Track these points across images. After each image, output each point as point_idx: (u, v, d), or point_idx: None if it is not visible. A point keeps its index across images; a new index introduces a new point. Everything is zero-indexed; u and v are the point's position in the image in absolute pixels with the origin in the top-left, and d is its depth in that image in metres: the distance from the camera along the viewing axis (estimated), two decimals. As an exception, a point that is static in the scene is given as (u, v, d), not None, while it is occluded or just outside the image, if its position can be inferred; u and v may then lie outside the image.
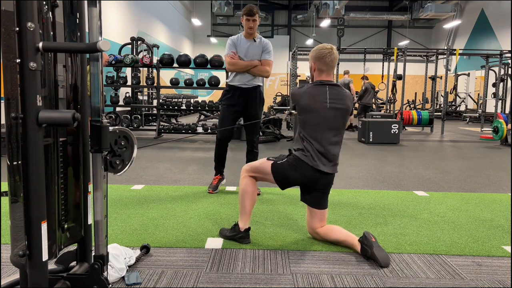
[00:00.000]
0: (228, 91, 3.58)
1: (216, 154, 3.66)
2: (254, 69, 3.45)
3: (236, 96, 3.52)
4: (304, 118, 2.36)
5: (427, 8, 16.28)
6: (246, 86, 3.50)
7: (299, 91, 2.41)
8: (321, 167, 2.30)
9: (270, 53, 3.51)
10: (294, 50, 10.01)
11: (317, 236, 2.44)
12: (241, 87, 3.50)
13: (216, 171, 3.69)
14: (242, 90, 3.51)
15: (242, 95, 3.51)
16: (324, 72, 2.40)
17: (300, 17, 21.14)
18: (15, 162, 1.30)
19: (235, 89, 3.52)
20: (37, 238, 1.30)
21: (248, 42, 3.48)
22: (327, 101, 2.33)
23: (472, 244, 2.46)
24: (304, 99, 2.35)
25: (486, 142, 8.21)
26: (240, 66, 3.43)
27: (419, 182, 4.25)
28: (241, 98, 3.52)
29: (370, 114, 9.48)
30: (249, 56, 3.48)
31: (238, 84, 3.50)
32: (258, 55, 3.48)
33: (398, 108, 10.46)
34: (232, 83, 3.53)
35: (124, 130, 1.54)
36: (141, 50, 10.34)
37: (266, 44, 3.51)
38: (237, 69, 3.44)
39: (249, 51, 3.47)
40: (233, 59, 3.44)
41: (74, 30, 1.50)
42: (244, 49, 3.47)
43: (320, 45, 2.44)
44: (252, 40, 3.49)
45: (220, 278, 1.98)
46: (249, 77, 3.49)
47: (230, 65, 3.45)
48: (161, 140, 7.20)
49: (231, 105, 3.54)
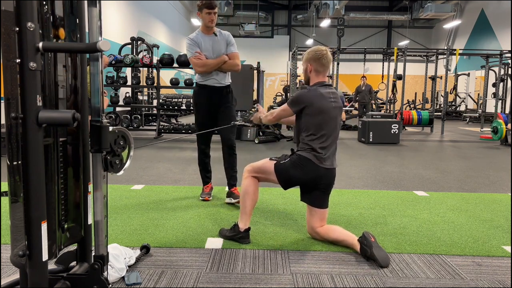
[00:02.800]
0: (200, 92, 3.32)
1: (200, 163, 3.43)
2: (224, 65, 3.22)
3: (210, 97, 3.27)
4: (318, 119, 2.36)
5: (427, 8, 16.28)
6: (220, 85, 3.27)
7: (310, 94, 2.39)
8: (329, 165, 2.38)
9: (234, 45, 3.30)
10: (294, 50, 10.00)
11: (317, 236, 2.44)
12: (215, 86, 3.26)
13: (204, 181, 3.45)
14: (216, 89, 3.27)
15: (217, 95, 3.28)
16: (321, 73, 2.44)
17: (300, 17, 21.16)
18: (15, 162, 1.30)
19: (209, 89, 3.26)
20: (37, 238, 1.30)
21: (210, 38, 3.24)
22: (332, 100, 2.40)
23: (472, 244, 2.46)
24: (317, 101, 2.36)
25: (486, 142, 8.21)
26: (211, 66, 3.19)
27: (419, 182, 4.25)
28: (215, 98, 3.27)
29: (370, 114, 9.48)
30: (215, 53, 3.23)
31: (212, 84, 3.25)
32: (224, 50, 3.25)
33: (398, 108, 10.46)
34: (205, 83, 3.26)
35: (122, 130, 1.54)
36: (141, 50, 10.34)
37: (228, 36, 3.30)
38: (209, 69, 3.20)
39: (214, 47, 3.23)
40: (200, 60, 3.19)
41: (74, 30, 1.50)
42: (208, 47, 3.22)
43: (314, 47, 2.48)
44: (213, 35, 3.25)
45: (220, 278, 1.98)
46: (222, 74, 3.27)
47: (200, 66, 3.19)
48: (161, 140, 7.20)
49: (207, 108, 3.29)
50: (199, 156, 3.43)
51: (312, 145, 2.34)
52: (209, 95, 3.28)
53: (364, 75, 11.68)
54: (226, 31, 3.36)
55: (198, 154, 3.42)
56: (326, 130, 2.36)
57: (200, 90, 3.33)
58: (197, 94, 3.37)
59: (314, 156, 2.33)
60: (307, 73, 2.48)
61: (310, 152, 2.34)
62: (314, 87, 2.42)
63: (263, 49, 21.11)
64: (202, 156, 3.42)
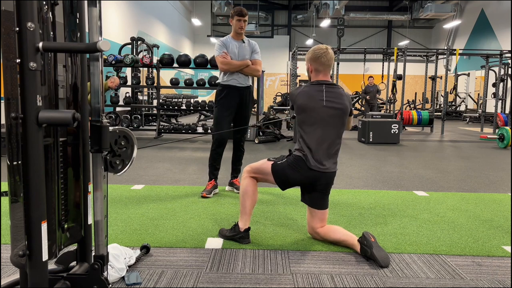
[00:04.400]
0: (222, 91, 3.55)
1: (213, 157, 3.59)
2: (247, 69, 3.50)
3: (231, 96, 3.52)
4: (302, 117, 2.37)
5: (427, 8, 16.28)
6: (241, 85, 3.53)
7: (296, 91, 2.43)
8: (318, 167, 2.31)
9: (259, 54, 3.61)
10: (294, 50, 10.01)
11: (317, 236, 2.44)
12: (237, 87, 3.52)
13: (211, 176, 3.60)
14: (238, 89, 3.53)
15: (238, 94, 3.53)
16: (321, 72, 2.41)
17: (300, 17, 21.16)
18: (15, 162, 1.30)
19: (231, 88, 3.51)
20: (37, 238, 1.30)
21: (238, 44, 3.53)
22: (323, 99, 2.34)
23: (472, 244, 2.46)
24: (301, 99, 2.36)
25: (486, 142, 8.21)
26: (233, 66, 3.46)
27: (419, 182, 4.25)
28: (236, 98, 3.53)
29: (370, 114, 9.49)
30: (240, 57, 3.52)
31: (234, 84, 3.51)
32: (248, 56, 3.55)
33: (398, 108, 10.46)
34: (227, 83, 3.52)
35: (124, 130, 1.54)
36: (141, 50, 10.34)
37: (255, 45, 3.61)
38: (231, 69, 3.46)
39: (239, 52, 3.52)
40: (225, 59, 3.46)
41: (74, 30, 1.50)
42: (235, 50, 3.51)
43: (315, 46, 2.45)
44: (241, 41, 3.55)
45: (220, 278, 1.98)
46: (243, 76, 3.53)
47: (224, 64, 3.46)
48: (161, 141, 7.20)
49: (227, 105, 3.53)
50: (213, 152, 3.58)
51: (301, 144, 2.35)
52: (232, 94, 3.53)
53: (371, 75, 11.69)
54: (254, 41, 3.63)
55: (212, 150, 3.57)
56: (312, 130, 2.32)
57: (223, 89, 3.55)
58: (219, 92, 3.58)
59: (303, 155, 2.32)
60: (308, 73, 2.48)
61: (300, 151, 2.35)
62: (305, 85, 2.43)
63: (263, 49, 20.76)
64: (215, 153, 3.57)
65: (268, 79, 21.08)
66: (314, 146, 2.31)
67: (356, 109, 12.60)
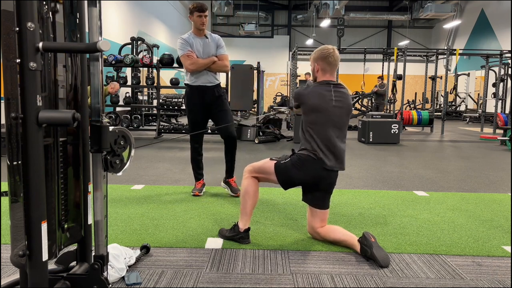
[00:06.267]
0: (192, 92, 3.44)
1: (194, 159, 3.55)
2: (214, 66, 3.38)
3: (201, 96, 3.41)
4: (313, 118, 2.36)
5: (427, 8, 16.28)
6: (211, 84, 3.41)
7: (306, 91, 2.40)
8: (328, 164, 2.33)
9: (224, 48, 3.47)
10: (294, 50, 10.01)
11: (318, 236, 2.44)
12: (206, 86, 3.40)
13: (197, 178, 3.58)
14: (208, 88, 3.41)
15: (209, 94, 3.41)
16: (328, 72, 2.42)
17: (300, 17, 21.15)
18: (15, 162, 1.30)
19: (200, 89, 3.40)
20: (37, 238, 1.30)
21: (201, 40, 3.40)
22: (333, 99, 2.36)
23: (472, 244, 2.46)
24: (312, 99, 2.36)
25: (486, 142, 8.21)
26: (201, 64, 3.33)
27: (419, 182, 4.25)
28: (207, 97, 3.41)
29: (370, 114, 9.48)
30: (205, 54, 3.39)
31: (203, 84, 3.39)
32: (214, 52, 3.42)
33: (398, 108, 10.46)
34: (196, 83, 3.40)
35: (122, 130, 1.54)
36: (141, 50, 10.34)
37: (218, 39, 3.47)
38: (199, 68, 3.33)
39: (204, 49, 3.39)
40: (192, 58, 3.32)
41: (74, 30, 1.50)
42: (199, 48, 3.37)
43: (321, 47, 2.46)
44: (204, 37, 3.41)
45: (220, 278, 1.98)
46: (211, 74, 3.41)
47: (191, 64, 3.32)
48: (161, 140, 7.20)
49: (199, 106, 3.42)
50: (192, 154, 3.58)
51: (311, 144, 2.34)
52: (201, 95, 3.42)
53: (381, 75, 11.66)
54: (217, 34, 3.53)
55: (191, 152, 3.57)
56: (323, 130, 2.33)
57: (191, 90, 3.45)
58: (189, 94, 3.48)
59: (312, 156, 2.32)
60: (314, 73, 2.47)
61: (309, 151, 2.34)
62: (314, 85, 2.42)
63: (263, 49, 21.11)
64: (195, 154, 3.58)
65: (268, 79, 21.06)
66: (328, 146, 2.33)
67: (356, 109, 12.59)
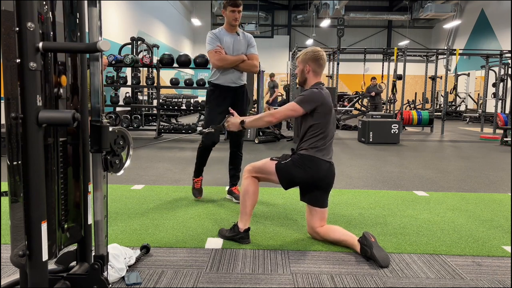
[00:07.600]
0: (213, 90, 3.25)
1: (201, 157, 3.34)
2: (242, 64, 3.19)
3: (223, 96, 3.21)
4: (327, 119, 2.38)
5: (427, 8, 16.29)
6: (235, 85, 3.24)
7: (320, 94, 2.37)
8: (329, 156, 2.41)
9: (255, 47, 3.29)
10: (294, 50, 10.01)
11: (317, 236, 2.44)
12: (229, 86, 3.22)
13: (197, 173, 3.38)
14: (231, 89, 3.23)
15: (230, 95, 3.22)
16: (319, 74, 2.46)
17: (300, 17, 21.17)
18: (15, 162, 1.30)
19: (222, 88, 3.22)
20: (37, 238, 1.30)
21: (232, 37, 3.20)
22: None
23: (472, 244, 2.46)
24: (327, 101, 2.39)
25: (486, 142, 8.21)
26: (229, 62, 3.14)
27: (419, 182, 4.25)
28: (229, 99, 3.20)
29: (370, 114, 9.49)
30: (235, 51, 3.20)
31: (226, 83, 3.21)
32: (244, 50, 3.23)
33: (398, 108, 10.46)
34: (219, 82, 3.22)
35: (121, 130, 1.54)
36: (141, 50, 10.34)
37: (250, 38, 3.28)
38: (226, 65, 3.15)
39: (234, 46, 3.20)
40: (220, 54, 3.13)
41: (74, 30, 1.50)
42: (229, 44, 3.18)
43: (310, 48, 2.48)
44: (235, 34, 3.22)
45: (220, 278, 1.98)
46: (237, 74, 3.23)
47: (218, 60, 3.12)
48: (161, 140, 7.19)
49: (218, 106, 3.18)
50: (201, 149, 3.30)
51: (318, 144, 2.35)
52: (223, 95, 3.22)
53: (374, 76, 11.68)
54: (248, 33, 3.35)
55: (201, 147, 3.29)
56: (330, 129, 2.41)
57: (214, 89, 3.26)
58: (211, 93, 3.28)
59: (319, 154, 2.34)
60: (304, 74, 2.44)
61: (315, 150, 2.34)
62: (321, 87, 2.42)
63: (263, 49, 21.05)
64: (205, 150, 3.31)
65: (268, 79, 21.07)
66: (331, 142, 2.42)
67: (356, 109, 12.59)
